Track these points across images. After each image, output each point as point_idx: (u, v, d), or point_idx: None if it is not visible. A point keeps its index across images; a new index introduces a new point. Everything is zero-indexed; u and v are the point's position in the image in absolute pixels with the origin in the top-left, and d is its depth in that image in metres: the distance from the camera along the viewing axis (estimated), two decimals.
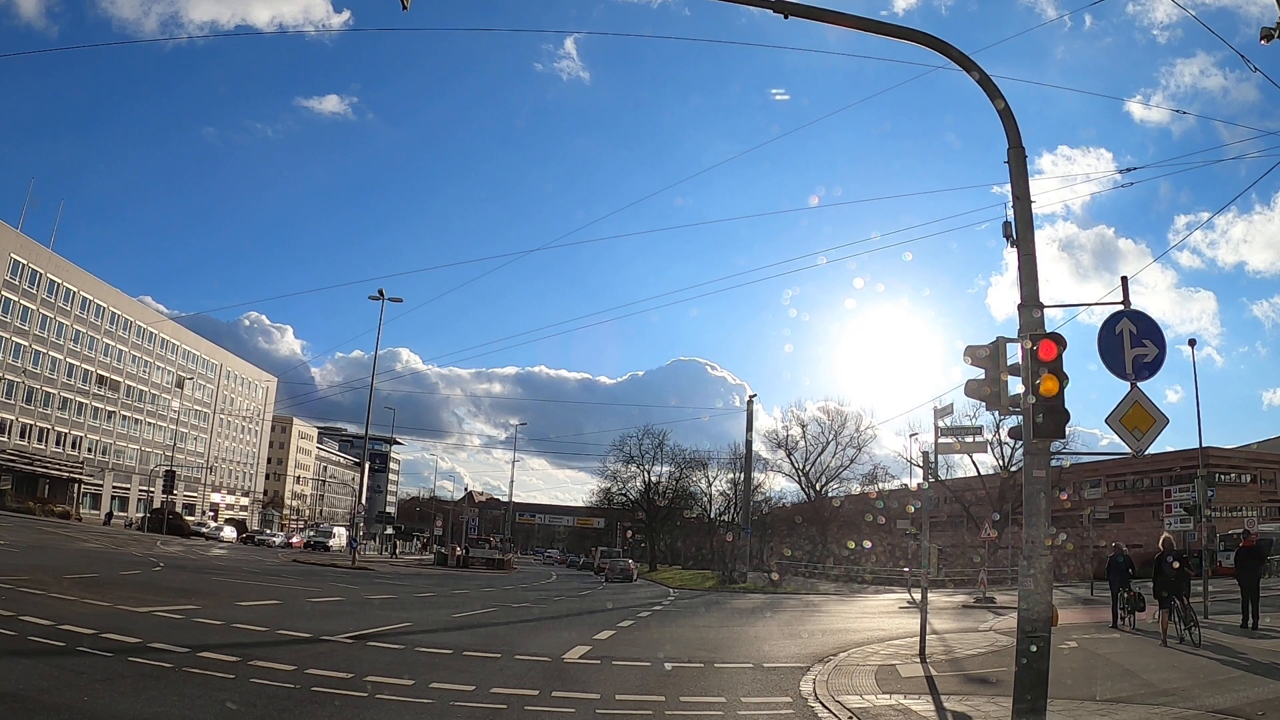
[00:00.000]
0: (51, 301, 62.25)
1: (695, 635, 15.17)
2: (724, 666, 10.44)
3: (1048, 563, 5.97)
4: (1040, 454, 6.24)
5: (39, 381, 61.34)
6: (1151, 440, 6.42)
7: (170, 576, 20.01)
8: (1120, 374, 6.57)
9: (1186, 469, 59.86)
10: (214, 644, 9.31)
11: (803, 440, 55.45)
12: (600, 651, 11.24)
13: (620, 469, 64.13)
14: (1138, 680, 9.79)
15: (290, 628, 11.59)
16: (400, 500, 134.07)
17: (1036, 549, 5.98)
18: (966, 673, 10.53)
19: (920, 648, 11.79)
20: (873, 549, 46.74)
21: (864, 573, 43.00)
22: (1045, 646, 5.89)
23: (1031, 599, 5.98)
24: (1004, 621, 18.66)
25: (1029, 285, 6.61)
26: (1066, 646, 13.28)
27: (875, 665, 10.88)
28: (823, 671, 10.11)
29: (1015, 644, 5.98)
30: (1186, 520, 29.98)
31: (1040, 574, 5.95)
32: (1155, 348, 6.54)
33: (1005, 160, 7.19)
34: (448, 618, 15.60)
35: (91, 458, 68.36)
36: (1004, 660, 11.61)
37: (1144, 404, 6.45)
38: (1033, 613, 5.96)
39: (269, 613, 13.70)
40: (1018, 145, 7.18)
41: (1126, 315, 6.67)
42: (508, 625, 15.39)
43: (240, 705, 6.44)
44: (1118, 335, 6.56)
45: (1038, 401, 5.95)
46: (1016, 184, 6.99)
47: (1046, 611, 5.93)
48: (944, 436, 12.07)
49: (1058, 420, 5.93)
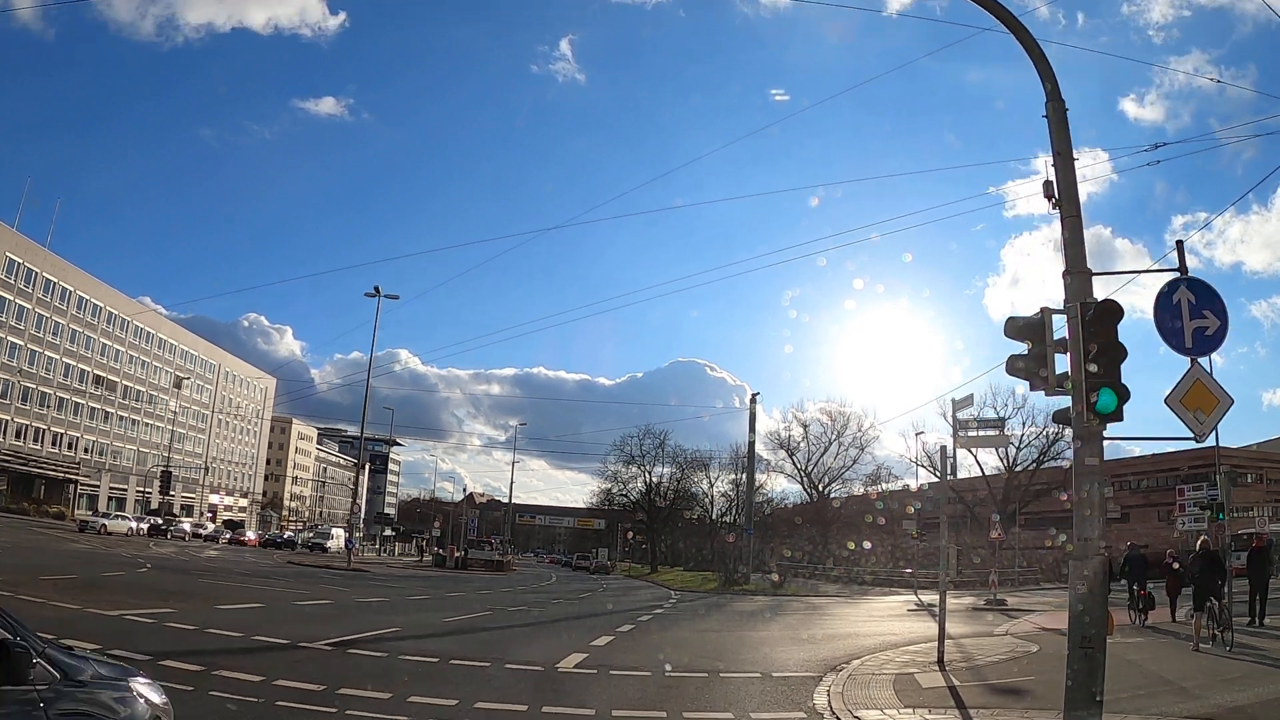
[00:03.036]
0: (48, 301, 61.63)
1: (698, 641, 14.41)
2: (730, 676, 9.68)
3: (1101, 563, 5.23)
4: (1093, 439, 5.50)
5: (35, 381, 60.70)
6: (1214, 423, 5.68)
7: (154, 578, 19.32)
8: (1179, 348, 5.84)
9: (1195, 468, 59.25)
10: (180, 651, 8.59)
11: (804, 441, 54.70)
12: (598, 659, 10.49)
13: (621, 470, 63.38)
14: (1178, 689, 9.06)
15: (268, 633, 10.87)
16: (400, 502, 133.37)
17: (1089, 548, 5.24)
18: (990, 682, 9.77)
19: (939, 654, 11.04)
20: (875, 550, 46.15)
21: (864, 574, 42.30)
22: (1100, 659, 5.14)
23: (1084, 603, 5.24)
24: (1019, 625, 17.95)
25: (1074, 249, 5.87)
26: None
27: (892, 674, 10.12)
28: (836, 682, 9.36)
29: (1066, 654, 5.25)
30: (1200, 520, 29.26)
31: (1094, 575, 5.21)
32: (1216, 319, 5.80)
33: (1044, 114, 6.45)
34: (439, 622, 14.85)
35: (88, 458, 67.70)
36: (1028, 667, 10.88)
37: (1206, 382, 5.71)
38: (1086, 619, 5.21)
39: (249, 616, 12.98)
40: (1056, 98, 6.44)
41: (1184, 283, 5.93)
42: (501, 630, 14.65)
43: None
44: (1175, 305, 5.83)
45: (1091, 378, 5.21)
46: (1056, 139, 6.25)
47: (1102, 618, 5.18)
48: (964, 430, 11.31)
49: (1115, 399, 5.19)
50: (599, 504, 69.20)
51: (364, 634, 11.63)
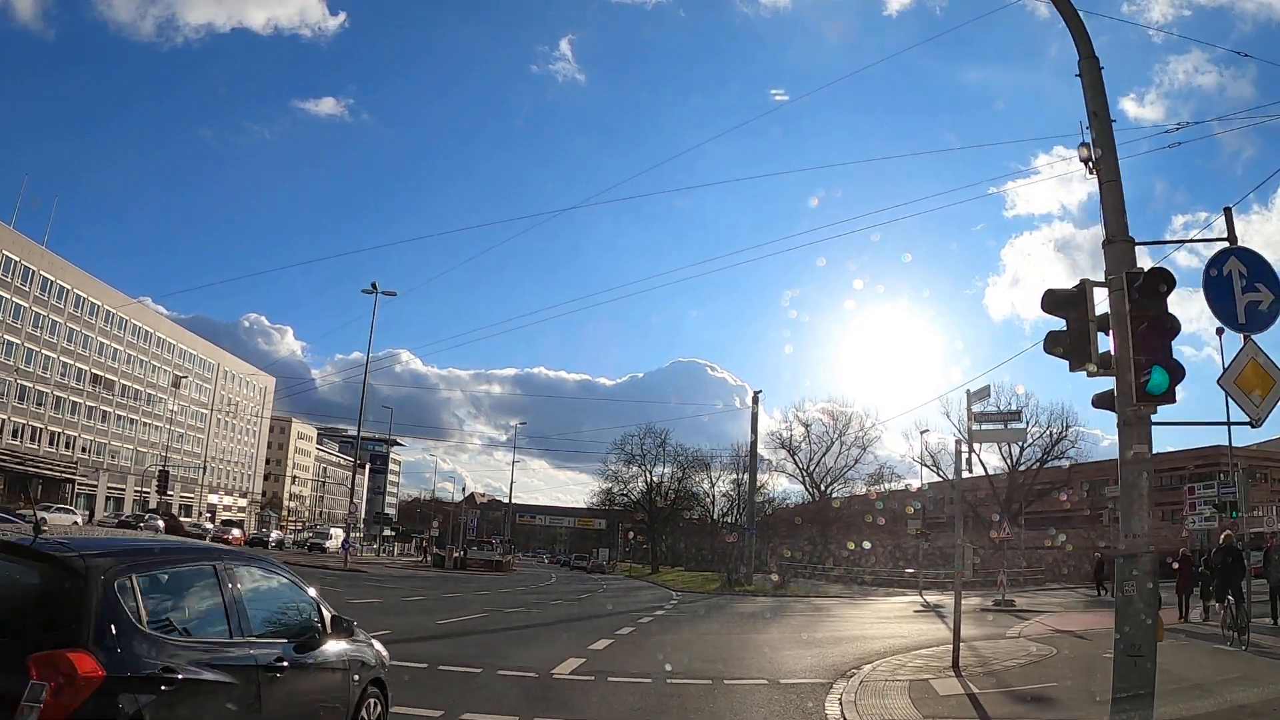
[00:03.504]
0: (45, 299, 61.15)
1: (700, 644, 13.85)
2: (735, 683, 9.13)
3: (1152, 561, 4.69)
4: (1140, 424, 4.96)
5: (31, 380, 60.24)
6: (1272, 406, 5.13)
7: None
8: (1232, 324, 5.31)
9: (1201, 467, 58.62)
10: None
11: (806, 440, 54.10)
12: (595, 664, 9.95)
13: (621, 469, 62.77)
14: (1217, 698, 8.50)
15: None
16: (401, 502, 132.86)
17: (1139, 544, 4.70)
18: (1011, 688, 9.22)
19: (953, 659, 10.49)
20: (877, 550, 45.77)
21: (864, 574, 41.85)
22: (1152, 670, 4.59)
23: (1133, 606, 4.69)
24: (1031, 627, 17.41)
25: (1115, 216, 5.34)
26: (1111, 655, 12.03)
27: (906, 680, 9.57)
28: (848, 689, 8.81)
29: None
30: (1211, 518, 28.75)
31: (1144, 574, 4.67)
32: (1270, 293, 5.26)
33: (1077, 74, 5.91)
34: (432, 624, 14.32)
35: (85, 458, 67.24)
36: (1049, 673, 10.32)
37: (1262, 361, 5.17)
38: (1135, 624, 4.66)
39: None
40: (1089, 55, 5.92)
41: (1234, 253, 5.39)
42: (496, 633, 14.10)
43: None
44: (1226, 277, 5.28)
45: (1140, 355, 4.68)
46: (1091, 98, 5.72)
47: (1153, 624, 4.64)
48: (979, 423, 10.75)
49: (1167, 378, 4.65)
50: (600, 504, 68.61)
51: None
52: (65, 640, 2.89)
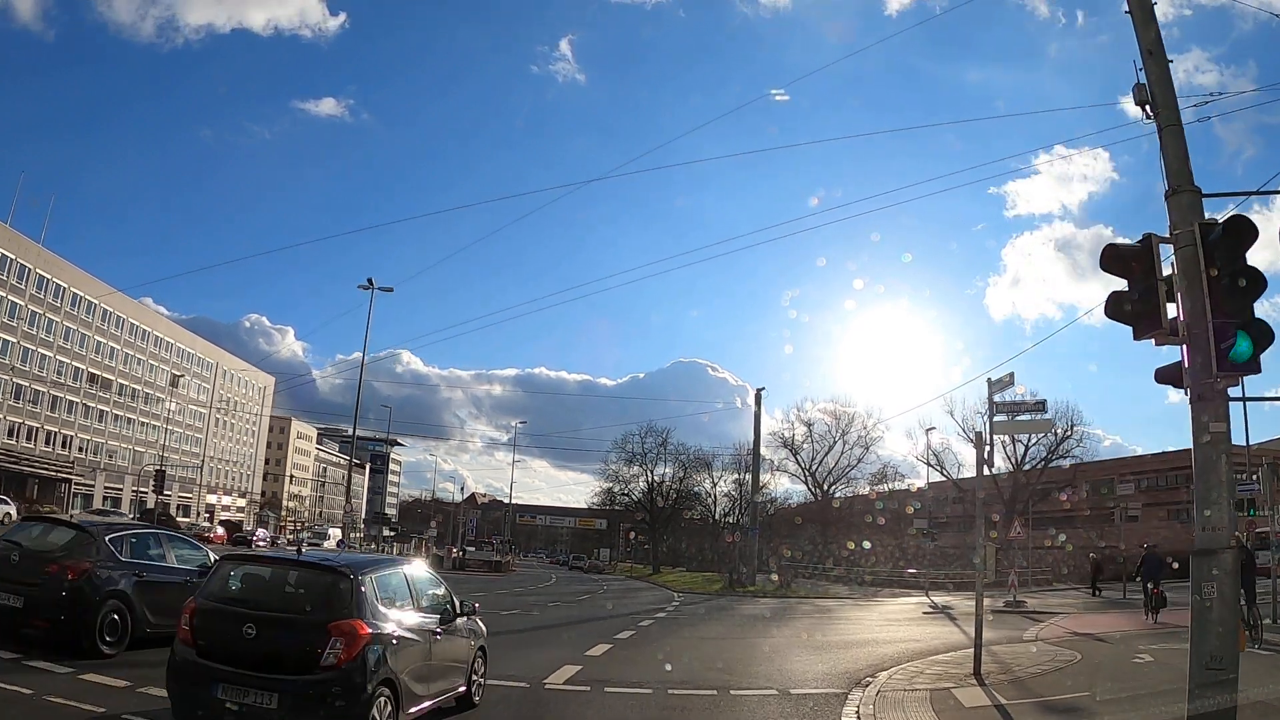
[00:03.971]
0: (41, 297, 60.57)
1: (704, 650, 13.14)
2: (743, 694, 8.43)
3: (1235, 559, 4.01)
4: (1217, 399, 4.28)
5: (28, 379, 59.66)
6: None
7: None
8: None
9: None
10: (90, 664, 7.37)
11: (808, 440, 53.30)
12: (592, 673, 9.26)
13: (622, 469, 61.95)
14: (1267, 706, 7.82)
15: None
16: (401, 502, 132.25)
17: (1219, 539, 4.01)
18: (1040, 698, 8.52)
19: (975, 666, 9.81)
20: (881, 551, 45.18)
21: (863, 574, 41.22)
22: (1233, 686, 3.90)
23: (1212, 614, 4.00)
24: (1048, 629, 16.72)
25: (1177, 164, 4.66)
26: (1141, 659, 11.34)
27: (926, 689, 8.88)
28: (865, 700, 8.12)
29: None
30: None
31: (1224, 576, 3.98)
32: None
33: (1126, 10, 5.22)
34: None
35: (83, 457, 66.66)
36: (1077, 680, 9.62)
37: None
38: (1214, 633, 3.96)
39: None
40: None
41: None
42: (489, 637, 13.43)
43: None
44: None
45: (1219, 319, 3.99)
46: (1143, 35, 5.05)
47: (1233, 632, 3.95)
48: (1001, 414, 10.05)
49: (1251, 345, 3.97)
50: (601, 504, 67.82)
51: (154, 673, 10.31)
52: (345, 614, 5.06)
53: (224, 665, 4.95)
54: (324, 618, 5.07)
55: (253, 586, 5.64)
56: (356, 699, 4.89)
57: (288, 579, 5.63)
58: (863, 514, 49.27)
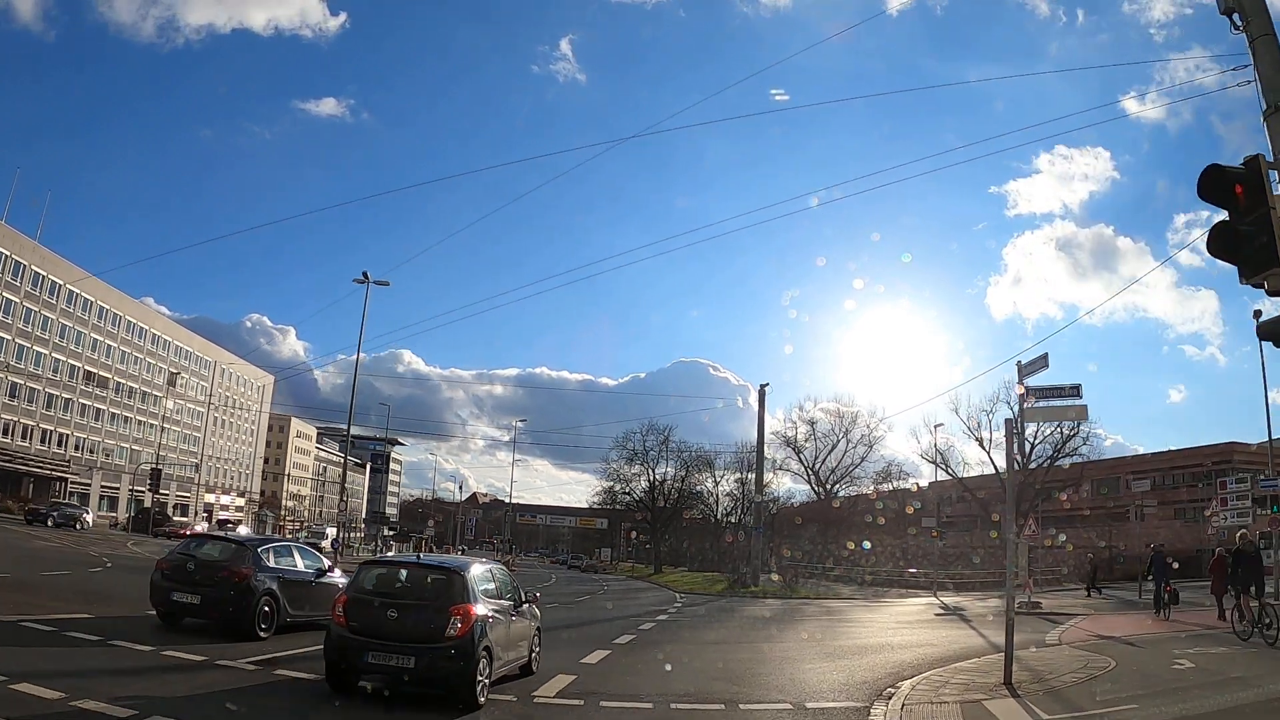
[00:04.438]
0: (36, 294, 59.88)
1: (709, 656, 12.30)
2: (754, 709, 7.62)
3: None
4: None
5: (23, 376, 58.98)
6: None
7: (103, 579, 17.42)
8: None
9: (1219, 464, 56.86)
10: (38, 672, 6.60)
11: (811, 438, 52.48)
12: (587, 683, 8.45)
13: (623, 467, 61.06)
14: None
15: (185, 646, 8.87)
16: (403, 502, 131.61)
17: None
18: (1082, 711, 7.71)
19: (1005, 674, 8.98)
20: (885, 550, 44.49)
21: (865, 574, 40.47)
22: None
23: None
24: (1070, 632, 15.90)
25: (1274, 77, 3.83)
26: (1181, 666, 10.52)
27: (955, 701, 8.06)
28: (889, 715, 7.32)
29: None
30: (1245, 514, 27.53)
31: None
32: None
33: None
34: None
35: (79, 456, 65.99)
36: (1117, 690, 8.79)
37: None
38: None
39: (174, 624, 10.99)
40: None
41: None
42: None
43: None
44: None
45: None
46: None
47: None
48: (1034, 399, 9.23)
49: None
50: (602, 503, 66.97)
51: (305, 649, 9.62)
52: (461, 600, 6.89)
53: (372, 639, 6.76)
54: (446, 603, 7.00)
55: (388, 582, 7.73)
56: (469, 660, 6.69)
57: (416, 576, 7.75)
58: (864, 513, 48.55)
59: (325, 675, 7.10)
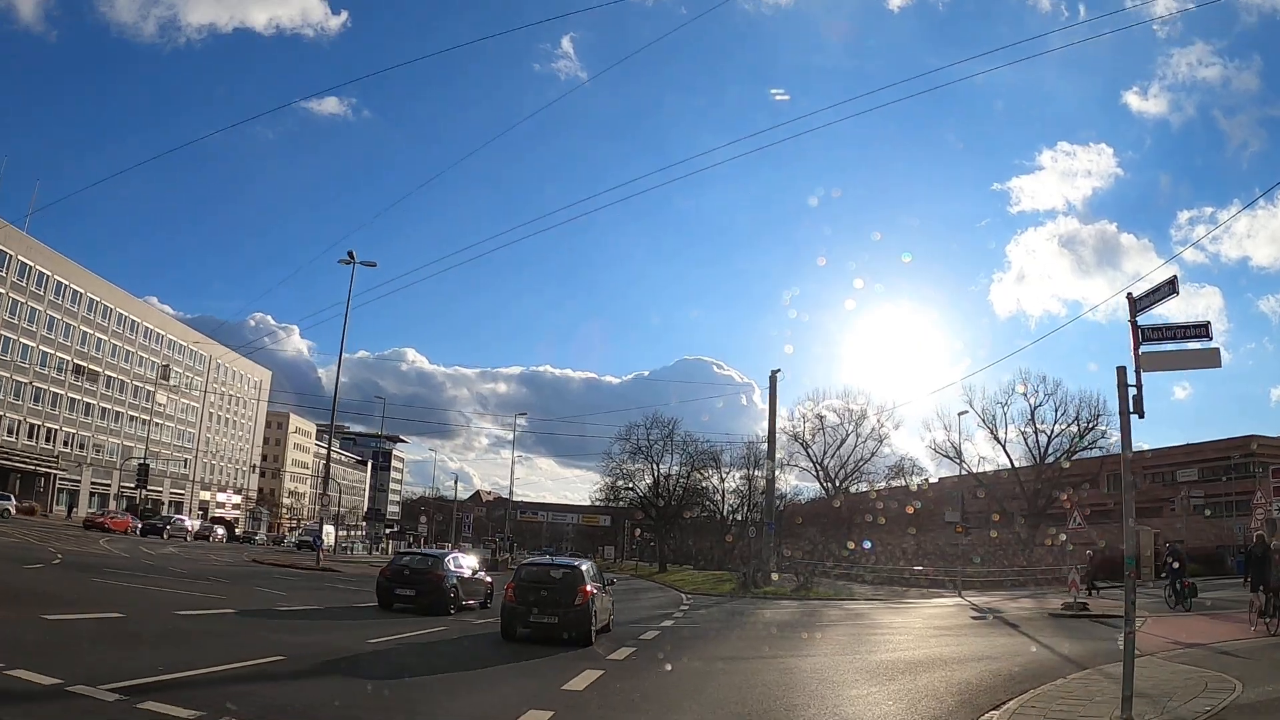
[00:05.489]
0: (23, 285, 58.06)
1: (727, 678, 9.96)
2: None
3: None
4: None
5: (9, 369, 57.18)
6: None
7: (42, 577, 15.46)
8: None
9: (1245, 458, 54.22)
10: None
11: (820, 433, 50.28)
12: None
13: (627, 463, 58.76)
14: None
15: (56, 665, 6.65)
16: (405, 500, 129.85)
17: None
18: None
19: (1125, 709, 6.75)
20: (897, 546, 42.85)
21: (869, 571, 38.27)
22: None
23: None
24: (1144, 639, 13.58)
25: None
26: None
27: None
28: None
29: None
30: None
31: None
32: None
33: None
34: (356, 645, 10.53)
35: (68, 451, 64.18)
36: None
37: None
38: None
39: (71, 633, 8.88)
40: None
41: None
42: (442, 659, 10.37)
43: None
44: None
45: None
46: None
47: None
48: (1151, 341, 7.01)
49: None
50: (604, 500, 64.73)
51: (218, 667, 7.46)
52: (582, 583, 11.95)
53: (533, 606, 11.47)
54: (574, 584, 11.76)
55: (538, 572, 12.37)
56: (588, 617, 11.46)
57: (555, 571, 12.30)
58: (876, 509, 46.42)
59: (501, 630, 11.82)
